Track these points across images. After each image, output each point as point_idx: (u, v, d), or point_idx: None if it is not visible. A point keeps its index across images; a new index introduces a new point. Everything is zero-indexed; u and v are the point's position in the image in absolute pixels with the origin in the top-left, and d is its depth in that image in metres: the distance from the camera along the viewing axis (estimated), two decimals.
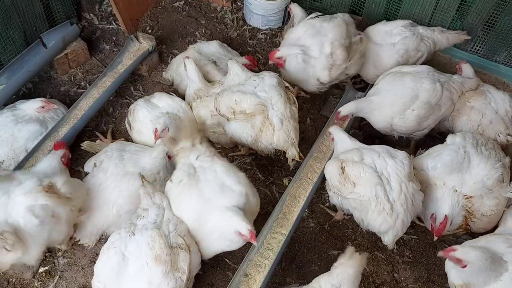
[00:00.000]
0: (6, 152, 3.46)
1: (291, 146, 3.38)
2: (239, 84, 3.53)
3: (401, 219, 3.04)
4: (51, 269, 3.27)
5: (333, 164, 3.19)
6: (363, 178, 3.05)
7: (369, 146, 3.29)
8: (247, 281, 2.92)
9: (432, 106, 3.56)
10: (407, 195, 3.04)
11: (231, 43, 4.64)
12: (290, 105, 3.44)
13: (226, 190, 2.95)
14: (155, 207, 2.93)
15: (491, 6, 4.01)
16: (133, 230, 2.81)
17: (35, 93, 4.21)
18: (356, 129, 4.12)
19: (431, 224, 3.20)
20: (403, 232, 3.11)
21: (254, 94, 3.40)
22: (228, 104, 3.41)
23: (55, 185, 2.89)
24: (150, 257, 2.68)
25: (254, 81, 3.49)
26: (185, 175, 3.04)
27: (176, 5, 5.04)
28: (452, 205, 3.16)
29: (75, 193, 3.01)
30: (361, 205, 3.09)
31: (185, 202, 2.98)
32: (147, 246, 2.71)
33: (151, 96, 3.79)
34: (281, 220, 3.21)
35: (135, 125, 3.64)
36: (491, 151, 3.30)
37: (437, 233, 3.12)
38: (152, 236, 2.74)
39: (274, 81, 3.46)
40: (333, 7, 4.70)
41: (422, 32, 3.99)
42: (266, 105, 3.36)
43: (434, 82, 3.56)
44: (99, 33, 4.75)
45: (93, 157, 3.42)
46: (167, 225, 2.85)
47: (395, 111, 3.57)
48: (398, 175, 3.05)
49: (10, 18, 3.94)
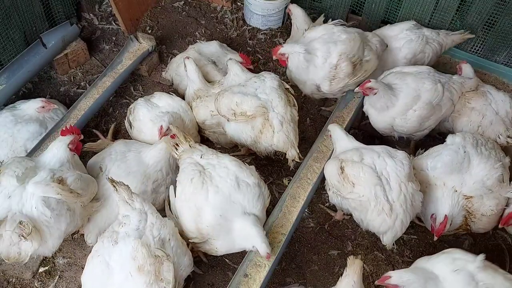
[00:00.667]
0: (6, 152, 3.46)
1: (291, 147, 3.39)
2: (239, 85, 3.52)
3: (400, 220, 3.04)
4: (51, 269, 3.27)
5: (333, 164, 3.20)
6: (362, 178, 3.05)
7: (368, 146, 3.29)
8: (247, 281, 2.92)
9: (434, 106, 3.57)
10: (406, 195, 3.04)
11: (231, 43, 4.64)
12: (290, 107, 3.44)
13: (242, 185, 2.99)
14: (136, 212, 2.77)
15: (490, 6, 4.01)
16: (116, 239, 2.68)
17: (35, 93, 4.21)
18: (356, 129, 4.13)
19: (431, 224, 3.20)
20: (402, 232, 3.11)
21: (255, 96, 3.40)
22: (228, 105, 3.41)
23: (65, 181, 2.88)
24: (133, 267, 2.59)
25: (255, 83, 3.48)
26: (195, 173, 3.03)
27: (176, 5, 5.05)
28: (452, 205, 3.16)
29: (86, 189, 2.98)
30: (360, 205, 3.09)
31: (201, 199, 2.96)
32: (130, 256, 2.61)
33: (151, 95, 3.80)
34: (281, 220, 3.21)
35: (136, 124, 3.65)
36: (491, 151, 3.30)
37: (437, 233, 3.13)
38: (135, 246, 2.61)
39: (275, 83, 3.46)
40: (333, 7, 4.70)
41: (427, 34, 3.99)
42: (267, 107, 3.36)
43: (435, 83, 3.56)
44: (99, 33, 4.75)
45: (97, 158, 3.37)
46: (151, 230, 2.72)
47: (396, 111, 3.58)
48: (398, 175, 3.05)
49: (10, 18, 3.94)
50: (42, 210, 2.77)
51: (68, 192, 2.83)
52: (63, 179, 2.88)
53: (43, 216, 2.78)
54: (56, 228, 2.84)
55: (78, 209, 2.96)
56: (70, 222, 2.91)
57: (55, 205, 2.82)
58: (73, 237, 3.36)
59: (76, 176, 2.96)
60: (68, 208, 2.89)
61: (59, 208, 2.84)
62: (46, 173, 2.87)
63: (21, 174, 2.86)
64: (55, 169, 2.94)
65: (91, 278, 2.69)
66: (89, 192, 3.02)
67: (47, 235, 2.81)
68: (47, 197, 2.79)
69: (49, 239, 2.84)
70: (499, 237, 3.61)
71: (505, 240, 3.59)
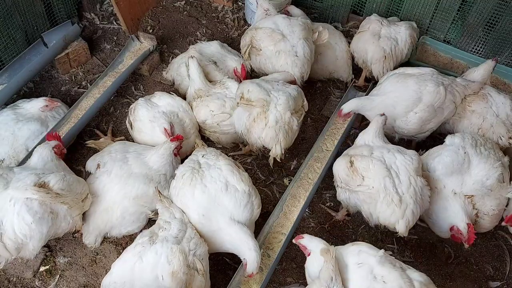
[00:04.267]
0: (7, 150, 3.46)
1: (277, 144, 3.38)
2: (262, 78, 3.64)
3: (410, 210, 3.00)
4: (51, 268, 3.28)
5: (341, 160, 3.21)
6: (371, 170, 3.04)
7: (380, 144, 3.28)
8: (247, 280, 2.92)
9: (435, 109, 3.55)
10: (416, 188, 3.03)
11: (232, 43, 4.64)
12: (293, 115, 3.44)
13: (231, 189, 2.99)
14: (177, 221, 2.87)
15: (491, 6, 4.01)
16: (154, 239, 2.74)
17: (36, 92, 4.21)
18: (356, 129, 4.12)
19: (453, 235, 3.13)
20: (414, 222, 3.06)
21: (267, 92, 3.44)
22: (242, 89, 3.48)
23: (47, 184, 2.87)
24: (166, 271, 2.59)
25: (277, 85, 3.54)
26: (188, 170, 3.10)
27: (177, 4, 5.05)
28: (467, 212, 3.13)
29: (70, 190, 2.97)
30: (369, 197, 3.07)
31: (188, 195, 3.00)
32: (166, 259, 2.63)
33: (152, 95, 3.80)
34: (282, 220, 3.22)
35: (136, 124, 3.65)
36: (490, 151, 3.30)
37: (469, 241, 3.05)
38: (173, 250, 2.64)
39: (294, 93, 3.50)
40: (334, 7, 4.71)
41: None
42: (268, 102, 3.38)
43: (437, 85, 3.54)
44: (100, 32, 4.76)
45: (96, 156, 3.40)
46: (188, 243, 2.76)
47: (397, 113, 3.57)
48: (407, 168, 3.05)
49: (11, 17, 3.94)
50: (23, 216, 2.78)
51: (45, 193, 2.82)
52: (45, 182, 2.87)
53: (22, 223, 2.78)
54: (38, 231, 2.84)
55: (63, 211, 2.95)
56: (52, 225, 2.91)
57: (38, 207, 2.82)
58: (74, 236, 3.37)
59: (59, 177, 2.94)
60: (51, 211, 2.89)
61: (42, 211, 2.83)
62: (27, 178, 2.86)
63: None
64: (38, 173, 2.92)
65: (121, 268, 2.69)
66: (73, 193, 2.99)
67: (27, 240, 2.83)
68: (29, 200, 2.79)
69: (30, 242, 2.85)
70: (500, 237, 3.61)
71: (505, 240, 3.59)
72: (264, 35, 3.89)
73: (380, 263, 2.55)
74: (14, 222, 2.78)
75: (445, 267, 3.44)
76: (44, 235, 2.89)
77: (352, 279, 2.56)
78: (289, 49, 3.83)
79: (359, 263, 2.59)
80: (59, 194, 2.88)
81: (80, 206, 3.06)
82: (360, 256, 2.64)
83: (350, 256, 2.66)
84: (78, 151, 3.83)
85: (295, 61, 3.83)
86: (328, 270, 2.50)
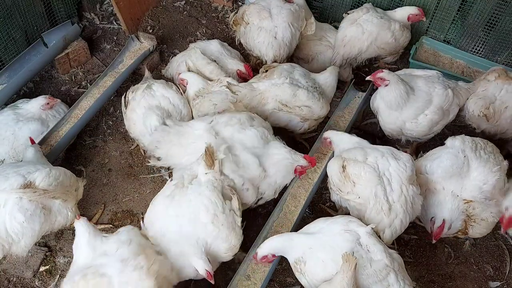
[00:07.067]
0: (7, 150, 3.46)
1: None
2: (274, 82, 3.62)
3: (399, 219, 3.03)
4: (51, 268, 3.28)
5: (335, 162, 3.19)
6: (363, 178, 3.04)
7: (373, 146, 3.28)
8: (247, 280, 2.92)
9: (444, 111, 3.56)
10: (407, 197, 3.04)
11: (232, 43, 4.63)
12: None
13: (198, 224, 2.90)
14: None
15: (492, 6, 4.01)
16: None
17: (36, 92, 4.21)
18: (357, 129, 4.12)
19: (430, 227, 3.20)
20: (401, 231, 3.10)
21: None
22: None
23: (34, 183, 2.88)
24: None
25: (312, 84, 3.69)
26: (174, 181, 3.07)
27: (177, 4, 5.05)
28: (452, 210, 3.14)
29: (58, 184, 2.97)
30: (359, 204, 3.08)
31: (162, 204, 2.99)
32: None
33: (152, 83, 3.76)
34: (282, 220, 3.21)
35: (132, 103, 3.64)
36: (489, 155, 3.26)
37: (435, 237, 3.13)
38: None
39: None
40: (334, 6, 4.70)
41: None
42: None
43: (445, 88, 3.55)
44: (100, 32, 4.76)
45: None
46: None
47: (407, 115, 3.56)
48: (400, 176, 3.05)
49: (11, 17, 3.94)
50: (15, 215, 2.80)
51: (31, 193, 2.83)
52: (31, 182, 2.87)
53: (14, 222, 2.81)
54: (30, 228, 2.86)
55: (56, 205, 2.98)
56: (45, 221, 2.93)
57: (28, 205, 2.84)
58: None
59: (45, 173, 2.93)
60: (43, 206, 2.90)
61: (33, 207, 2.85)
62: (14, 178, 2.86)
63: None
64: (23, 173, 2.90)
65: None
66: (62, 186, 2.99)
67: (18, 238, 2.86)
68: (19, 198, 2.81)
69: (22, 239, 2.86)
70: (500, 237, 3.61)
71: (505, 240, 3.59)
72: (254, 10, 4.08)
73: (368, 235, 2.78)
74: (6, 221, 2.80)
75: (445, 267, 3.44)
76: (37, 232, 2.92)
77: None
78: (270, 28, 3.99)
79: (347, 230, 2.79)
80: (47, 190, 2.89)
81: (74, 196, 3.08)
82: (349, 225, 2.83)
83: (337, 225, 2.85)
84: (77, 151, 3.83)
85: (271, 42, 3.98)
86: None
